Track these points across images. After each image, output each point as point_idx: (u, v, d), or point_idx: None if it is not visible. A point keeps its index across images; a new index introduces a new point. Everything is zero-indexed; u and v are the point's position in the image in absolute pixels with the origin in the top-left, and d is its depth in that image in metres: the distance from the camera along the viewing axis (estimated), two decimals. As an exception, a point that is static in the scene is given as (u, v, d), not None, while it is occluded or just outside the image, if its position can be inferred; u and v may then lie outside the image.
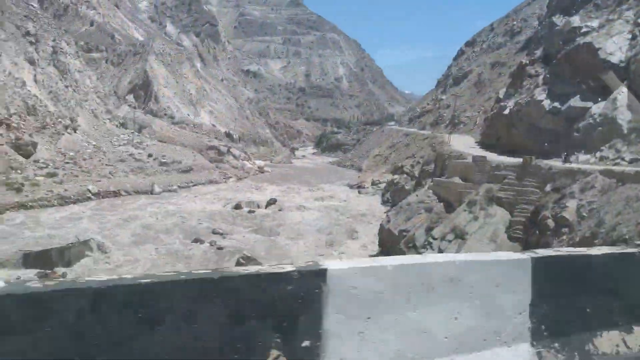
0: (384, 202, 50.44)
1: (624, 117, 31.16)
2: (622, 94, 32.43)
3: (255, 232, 36.63)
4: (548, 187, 26.17)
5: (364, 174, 72.94)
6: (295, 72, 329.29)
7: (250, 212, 43.43)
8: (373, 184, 61.39)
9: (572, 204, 23.41)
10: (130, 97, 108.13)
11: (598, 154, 31.18)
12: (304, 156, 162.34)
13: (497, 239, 26.93)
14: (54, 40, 69.43)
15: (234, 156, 74.31)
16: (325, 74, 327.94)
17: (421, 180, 42.23)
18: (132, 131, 72.06)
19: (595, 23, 38.32)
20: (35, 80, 57.81)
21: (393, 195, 46.60)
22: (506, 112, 41.53)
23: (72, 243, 26.07)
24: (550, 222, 23.60)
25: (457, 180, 31.67)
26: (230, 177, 66.89)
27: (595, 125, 32.94)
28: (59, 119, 56.26)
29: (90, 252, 27.30)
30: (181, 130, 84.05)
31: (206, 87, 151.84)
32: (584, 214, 22.69)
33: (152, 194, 50.74)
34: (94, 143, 59.61)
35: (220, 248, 31.51)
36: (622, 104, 31.86)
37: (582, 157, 32.14)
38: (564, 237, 22.53)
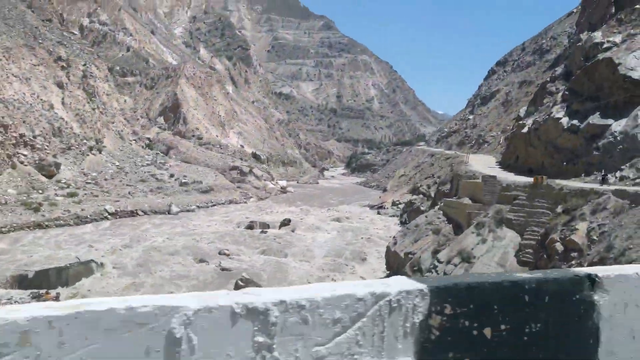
0: (401, 223, 49.31)
1: (647, 135, 29.52)
2: (644, 110, 30.81)
3: (263, 253, 36.13)
4: (559, 209, 24.77)
5: (386, 194, 71.86)
6: (327, 93, 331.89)
7: (262, 232, 43.04)
8: (393, 204, 60.28)
9: (582, 227, 22.02)
10: (160, 119, 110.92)
11: (618, 174, 29.49)
12: (332, 176, 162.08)
13: (505, 263, 25.61)
14: (84, 65, 71.72)
15: (256, 176, 74.49)
16: (356, 95, 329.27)
17: (436, 200, 41.04)
18: (157, 152, 73.26)
19: (618, 38, 36.81)
20: (63, 103, 59.60)
21: (409, 216, 45.42)
22: (524, 130, 40.11)
23: (71, 264, 26.15)
24: (559, 246, 22.23)
25: (466, 200, 30.49)
26: (251, 197, 66.93)
27: (615, 144, 31.30)
28: (84, 140, 57.66)
29: (92, 273, 27.33)
30: (207, 151, 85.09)
31: (236, 109, 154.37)
32: (595, 238, 21.29)
33: (169, 213, 51.09)
34: (117, 163, 60.78)
35: (224, 269, 31.14)
36: (645, 121, 30.23)
37: (607, 177, 30.51)
38: (573, 262, 21.14)
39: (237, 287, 27.13)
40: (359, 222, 51.52)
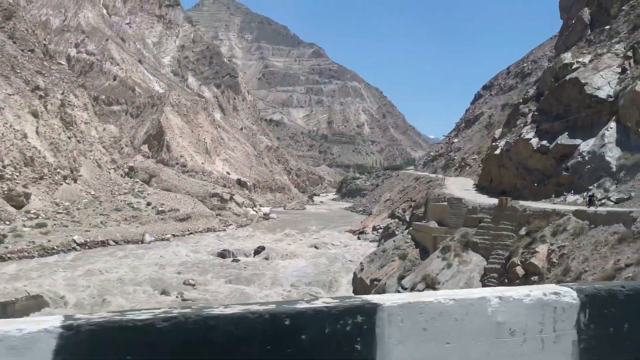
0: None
1: (612, 154, 29.01)
2: (610, 129, 30.40)
3: (231, 282, 35.09)
4: (523, 231, 24.02)
5: (368, 218, 70.97)
6: (317, 119, 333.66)
7: (234, 261, 42.01)
8: (374, 229, 59.36)
9: (542, 249, 21.25)
10: (145, 147, 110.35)
11: (585, 194, 28.90)
12: (322, 202, 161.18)
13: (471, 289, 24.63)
14: (62, 94, 71.27)
15: (237, 203, 73.53)
16: (347, 120, 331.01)
17: (411, 224, 40.21)
18: (136, 180, 72.35)
19: (587, 58, 36.68)
20: (37, 132, 58.82)
21: (386, 241, 44.51)
22: (497, 152, 39.66)
23: (18, 298, 24.99)
24: (520, 270, 21.41)
25: (433, 224, 29.70)
26: (231, 225, 65.87)
27: (584, 164, 30.77)
28: (58, 170, 56.73)
29: (43, 307, 26.15)
30: (189, 179, 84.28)
31: (224, 135, 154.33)
32: (555, 260, 20.52)
33: (142, 243, 49.94)
34: (93, 192, 59.77)
35: (185, 300, 30.03)
36: (611, 140, 29.78)
37: (571, 197, 29.93)
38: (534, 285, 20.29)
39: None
40: (337, 248, 50.53)
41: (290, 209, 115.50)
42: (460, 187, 44.28)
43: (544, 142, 34.23)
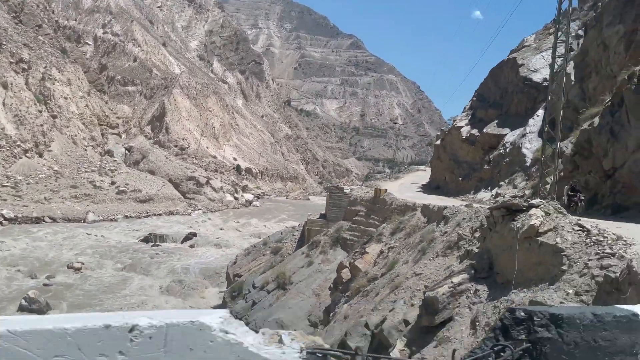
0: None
1: (530, 147, 24.55)
2: (536, 117, 25.85)
3: (125, 268, 32.66)
4: (380, 228, 20.21)
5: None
6: (350, 112, 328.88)
7: (154, 246, 39.59)
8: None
9: (373, 250, 17.50)
10: (148, 129, 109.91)
11: (495, 190, 24.62)
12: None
13: (322, 293, 21.11)
14: (45, 67, 70.70)
15: (214, 188, 71.24)
16: (380, 114, 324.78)
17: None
18: (114, 159, 71.18)
19: (532, 37, 31.84)
20: (4, 104, 58.02)
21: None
22: (438, 142, 35.35)
23: None
24: (346, 274, 17.71)
25: (315, 217, 26.08)
26: (199, 210, 63.62)
27: (504, 156, 26.39)
28: (18, 143, 55.74)
29: None
30: (174, 161, 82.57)
31: (240, 122, 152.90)
32: (378, 262, 16.77)
33: (84, 222, 48.25)
34: (57, 168, 58.64)
35: (46, 285, 27.73)
36: (533, 130, 25.26)
37: (482, 194, 25.69)
38: (349, 292, 16.64)
39: (20, 308, 23.71)
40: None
41: (292, 199, 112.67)
42: (408, 181, 40.18)
43: (474, 132, 29.82)
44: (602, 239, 6.89)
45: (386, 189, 23.29)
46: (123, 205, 56.01)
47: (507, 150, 26.32)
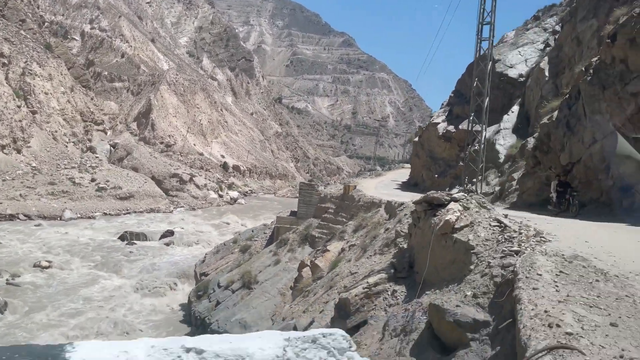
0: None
1: (504, 143, 24.12)
2: (511, 113, 25.42)
3: (95, 267, 31.93)
4: (344, 225, 19.69)
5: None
6: (342, 109, 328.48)
7: (128, 244, 38.85)
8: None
9: (334, 247, 16.98)
10: (134, 125, 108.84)
11: (468, 187, 24.16)
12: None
13: (287, 292, 20.54)
14: (25, 62, 69.59)
15: (197, 186, 70.50)
16: (372, 112, 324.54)
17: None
18: (96, 155, 70.22)
19: (512, 33, 31.45)
20: (-20, 99, 56.96)
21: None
22: (416, 139, 34.90)
23: None
24: (307, 272, 17.17)
25: (286, 215, 25.54)
26: (182, 207, 62.86)
27: (480, 152, 25.92)
28: (-6, 138, 54.73)
29: None
30: (158, 158, 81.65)
31: (229, 119, 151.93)
32: (338, 263, 16.21)
33: (61, 219, 47.38)
34: (35, 165, 57.65)
35: (10, 284, 26.96)
36: (508, 126, 24.83)
37: (456, 191, 25.19)
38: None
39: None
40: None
41: (280, 196, 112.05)
42: (389, 178, 39.72)
43: (450, 128, 29.38)
44: (515, 235, 6.39)
45: (355, 186, 22.80)
46: (102, 202, 55.12)
47: (482, 146, 25.87)
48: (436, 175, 28.86)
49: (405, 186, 33.29)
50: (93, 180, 59.91)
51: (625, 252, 6.34)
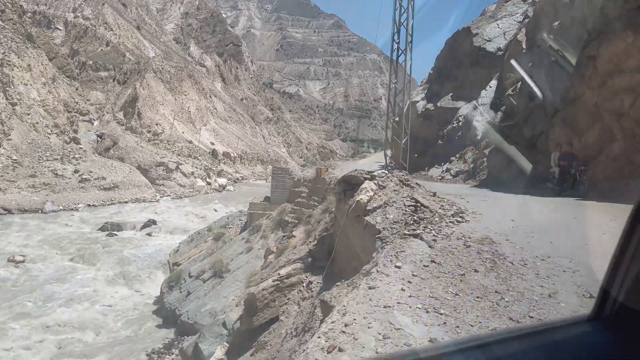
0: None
1: (481, 119, 23.38)
2: (489, 88, 24.64)
3: (72, 260, 31.21)
4: (315, 210, 19.02)
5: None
6: (334, 92, 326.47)
7: (109, 235, 38.11)
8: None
9: (299, 233, 16.31)
10: (121, 114, 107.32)
11: (445, 166, 23.53)
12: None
13: (258, 279, 19.88)
14: (3, 53, 68.03)
15: (184, 174, 69.65)
16: (364, 94, 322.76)
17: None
18: (80, 146, 69.11)
19: (494, 7, 30.52)
20: (-44, 92, 55.59)
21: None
22: (396, 119, 34.06)
23: None
24: (272, 259, 16.53)
25: (257, 200, 24.83)
26: (168, 196, 62.07)
27: (457, 130, 25.24)
28: (-27, 131, 53.53)
29: None
30: (145, 147, 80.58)
31: (219, 105, 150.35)
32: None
33: (41, 212, 46.54)
34: (15, 157, 56.57)
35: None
36: (485, 102, 24.07)
37: (434, 171, 24.56)
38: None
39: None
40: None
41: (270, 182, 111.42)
42: (372, 160, 39.00)
43: (429, 106, 28.60)
44: (428, 216, 5.66)
45: (327, 169, 22.13)
46: (85, 194, 54.25)
47: (460, 124, 25.17)
48: (416, 155, 28.19)
49: (393, 167, 32.57)
50: (76, 171, 58.92)
51: (549, 233, 5.59)
